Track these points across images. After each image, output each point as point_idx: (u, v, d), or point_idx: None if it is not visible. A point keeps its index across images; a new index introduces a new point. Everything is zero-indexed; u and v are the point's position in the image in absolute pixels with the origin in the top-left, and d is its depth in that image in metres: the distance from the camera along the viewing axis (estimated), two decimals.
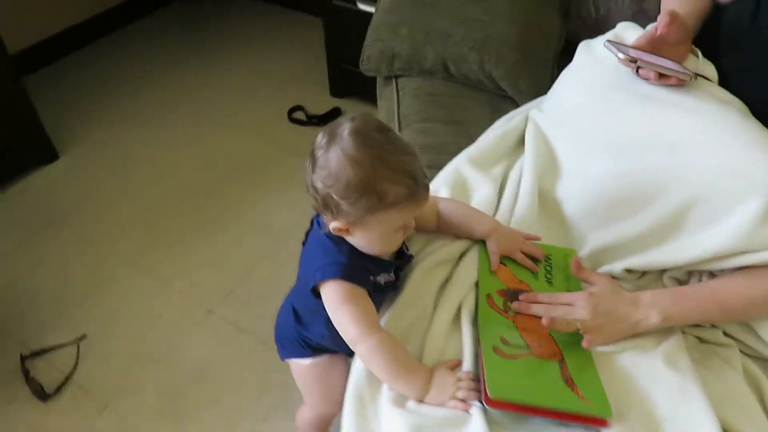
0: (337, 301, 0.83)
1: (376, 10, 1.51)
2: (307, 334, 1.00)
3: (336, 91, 2.32)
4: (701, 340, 0.96)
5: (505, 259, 0.98)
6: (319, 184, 0.78)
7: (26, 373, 1.51)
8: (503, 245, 0.97)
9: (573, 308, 0.88)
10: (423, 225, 0.99)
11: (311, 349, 1.03)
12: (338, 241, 0.85)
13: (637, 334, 0.90)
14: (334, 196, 0.77)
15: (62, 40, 2.62)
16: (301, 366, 1.06)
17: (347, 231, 0.82)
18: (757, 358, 0.95)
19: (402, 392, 0.82)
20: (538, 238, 1.00)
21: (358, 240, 0.83)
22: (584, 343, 0.85)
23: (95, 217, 1.94)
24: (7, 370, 1.53)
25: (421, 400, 0.82)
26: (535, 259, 0.99)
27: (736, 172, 0.91)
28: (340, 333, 0.85)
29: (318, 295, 0.86)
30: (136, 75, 2.54)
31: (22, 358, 1.54)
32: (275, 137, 2.21)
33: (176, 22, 2.88)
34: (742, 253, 0.89)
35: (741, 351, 0.95)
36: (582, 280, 0.95)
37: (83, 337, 1.60)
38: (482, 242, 1.00)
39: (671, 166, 0.96)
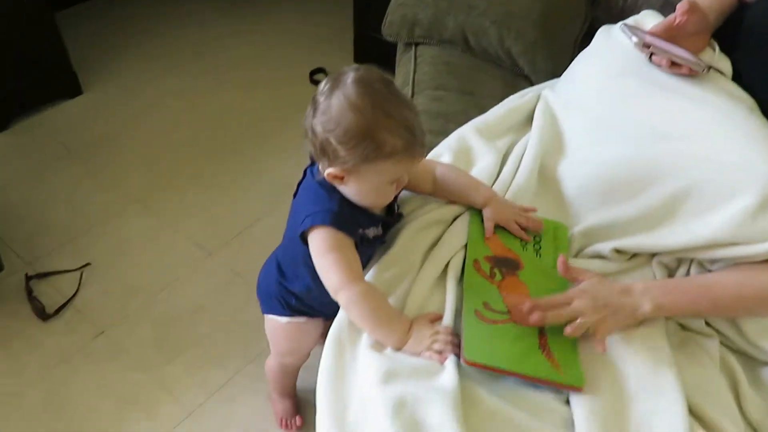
0: (324, 248, 0.85)
1: None
2: (290, 287, 1.02)
3: (360, 57, 2.33)
4: (683, 327, 0.96)
5: (497, 228, 0.99)
6: (318, 129, 0.80)
7: (29, 292, 1.57)
8: (499, 214, 0.98)
9: (572, 307, 0.85)
10: (418, 187, 1.00)
11: (290, 309, 1.05)
12: (330, 191, 0.87)
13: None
14: (333, 141, 0.78)
15: None
16: (276, 323, 1.09)
17: (342, 179, 0.83)
18: (736, 351, 0.96)
19: (381, 341, 0.85)
20: (534, 210, 1.01)
21: (351, 189, 0.84)
22: (568, 328, 0.83)
23: (110, 154, 1.98)
24: (11, 288, 1.59)
25: (398, 349, 0.84)
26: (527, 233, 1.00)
27: (734, 165, 0.92)
28: (323, 281, 0.87)
29: (306, 243, 0.87)
30: (165, 23, 2.57)
31: (27, 278, 1.59)
32: (294, 97, 2.22)
33: None
34: (732, 244, 0.90)
35: (721, 342, 0.96)
36: (570, 279, 0.92)
37: (87, 265, 1.65)
38: (476, 210, 1.01)
39: (672, 154, 0.97)
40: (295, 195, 0.95)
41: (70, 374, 1.43)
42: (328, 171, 0.82)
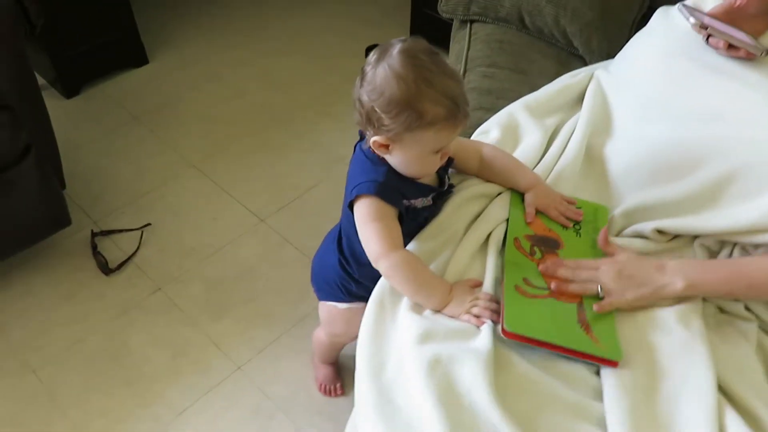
0: (367, 217, 0.88)
1: None
2: (352, 270, 1.03)
3: (416, 34, 2.32)
4: (722, 310, 0.96)
5: (538, 213, 1.00)
6: (364, 98, 0.83)
7: (94, 247, 1.67)
8: (540, 200, 0.99)
9: (597, 272, 0.90)
10: (464, 166, 1.03)
11: (350, 295, 1.08)
12: (376, 163, 0.90)
13: (663, 299, 0.90)
14: (377, 110, 0.81)
15: None
16: (335, 309, 1.12)
17: (387, 148, 0.86)
18: None
19: (422, 303, 0.87)
20: (574, 202, 1.02)
21: (396, 159, 0.87)
22: (596, 306, 0.86)
23: (172, 121, 2.07)
24: (78, 243, 1.70)
25: (438, 311, 0.87)
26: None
27: None
28: (365, 248, 0.90)
29: (353, 212, 0.91)
30: None
31: (93, 234, 1.70)
32: (350, 72, 2.27)
33: None
34: None
35: (760, 327, 0.95)
36: (608, 253, 0.94)
37: (147, 225, 1.74)
38: (518, 192, 1.02)
39: (719, 137, 0.96)
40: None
41: (128, 325, 1.52)
42: (374, 139, 0.85)
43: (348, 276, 1.05)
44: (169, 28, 2.47)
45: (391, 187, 0.89)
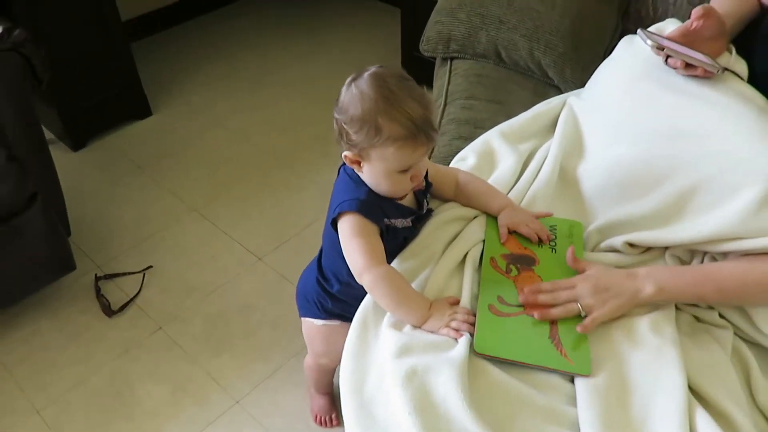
0: (350, 233, 0.93)
1: None
2: (328, 287, 1.09)
3: None
4: (698, 319, 0.98)
5: (512, 232, 1.04)
6: (336, 115, 0.89)
7: (98, 290, 1.72)
8: (511, 219, 1.03)
9: (575, 290, 0.92)
10: (441, 191, 1.07)
11: (326, 312, 1.12)
12: (360, 183, 0.95)
13: (639, 306, 0.93)
14: (344, 125, 0.88)
15: (168, 14, 2.90)
16: (312, 325, 1.17)
17: (359, 165, 0.91)
18: (750, 342, 0.97)
19: (402, 319, 0.91)
20: (549, 214, 1.06)
21: (368, 175, 0.92)
22: (579, 328, 0.88)
23: (174, 168, 2.15)
24: (83, 287, 1.75)
25: (418, 327, 0.90)
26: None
27: (738, 161, 0.95)
28: (349, 264, 0.94)
29: (337, 230, 0.96)
30: (229, 50, 2.77)
31: (97, 278, 1.75)
32: None
33: (273, 6, 3.10)
34: (738, 238, 0.92)
35: (735, 334, 0.97)
36: (578, 270, 0.97)
37: (149, 267, 1.79)
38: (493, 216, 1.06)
39: (681, 152, 1.01)
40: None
41: (130, 364, 1.56)
42: (344, 154, 0.91)
43: (324, 292, 1.09)
44: (172, 80, 2.58)
45: (373, 205, 0.93)
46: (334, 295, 1.09)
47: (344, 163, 1.00)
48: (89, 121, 2.24)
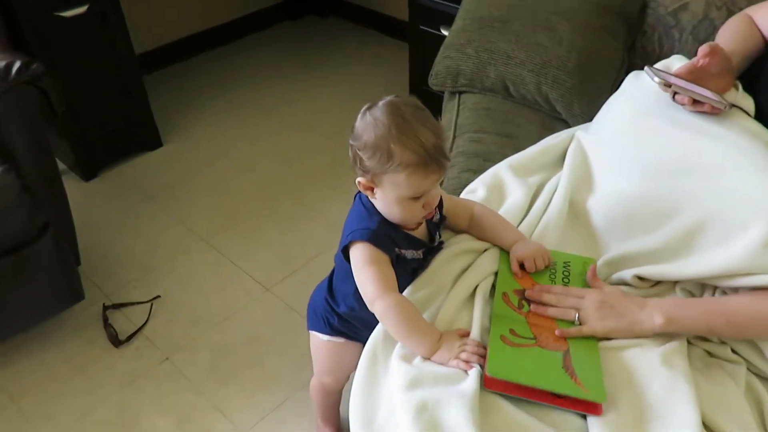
0: (362, 261, 0.93)
1: (449, 32, 1.64)
2: (336, 307, 1.10)
3: None
4: (710, 354, 0.98)
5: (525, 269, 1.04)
6: (351, 142, 0.92)
7: (106, 320, 1.72)
8: (520, 252, 1.03)
9: (582, 300, 0.95)
10: (456, 222, 1.08)
11: (331, 328, 1.14)
12: (373, 213, 0.96)
13: (640, 335, 0.93)
14: (358, 151, 0.90)
15: (180, 48, 2.96)
16: (318, 339, 1.18)
17: (372, 191, 0.93)
18: (765, 379, 0.96)
19: (412, 349, 0.91)
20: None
21: (380, 202, 0.94)
22: (557, 331, 0.92)
23: (183, 198, 2.17)
24: (91, 316, 1.75)
25: (428, 358, 0.90)
26: (553, 267, 1.04)
27: (747, 198, 0.96)
28: (361, 292, 0.94)
29: (348, 258, 0.96)
30: (239, 82, 2.82)
31: (104, 308, 1.75)
32: None
33: (282, 39, 3.16)
34: (748, 274, 0.92)
35: (749, 370, 0.96)
36: (595, 287, 0.99)
37: (157, 297, 1.80)
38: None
39: (689, 189, 1.02)
40: None
41: (136, 394, 1.55)
42: (358, 180, 0.93)
43: (332, 310, 1.11)
44: (183, 111, 2.62)
45: (384, 236, 0.94)
46: (340, 315, 1.10)
47: (360, 191, 1.01)
48: (101, 152, 2.27)
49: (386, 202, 0.93)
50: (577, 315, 0.94)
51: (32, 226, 1.49)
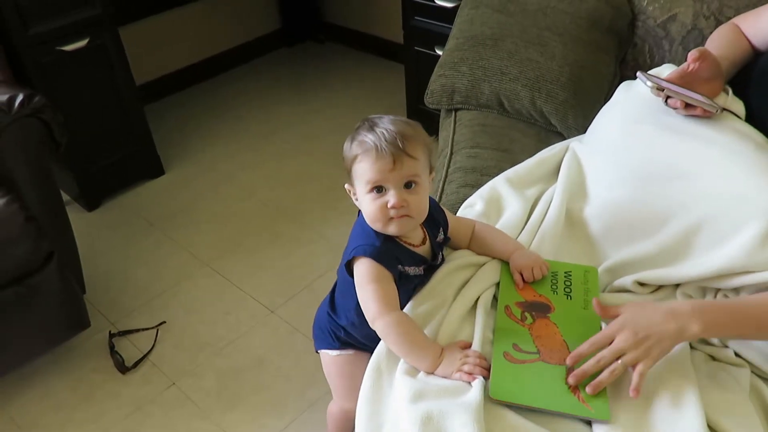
0: (365, 278, 0.94)
1: (443, 51, 1.67)
2: (339, 320, 1.11)
3: None
4: (713, 358, 0.98)
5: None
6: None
7: (112, 347, 1.73)
8: (519, 262, 1.04)
9: (616, 346, 0.85)
10: (457, 242, 1.10)
11: (339, 341, 1.13)
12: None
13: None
14: (343, 158, 0.95)
15: (179, 77, 3.01)
16: (328, 357, 1.17)
17: (355, 194, 0.96)
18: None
19: (414, 365, 0.91)
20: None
21: (359, 203, 0.97)
22: (632, 393, 0.82)
23: (186, 224, 2.19)
24: (97, 344, 1.76)
25: (431, 373, 0.90)
26: (554, 277, 1.04)
27: (740, 198, 0.97)
28: (363, 309, 0.95)
29: (351, 274, 0.97)
30: (237, 109, 2.85)
31: (110, 335, 1.76)
32: None
33: (280, 66, 3.21)
34: (746, 272, 0.93)
35: (753, 372, 0.96)
36: (608, 318, 0.92)
37: (162, 323, 1.80)
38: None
39: (684, 192, 1.03)
40: None
41: (144, 421, 1.55)
42: (346, 186, 0.98)
43: (335, 322, 1.12)
44: (184, 139, 2.65)
45: (387, 252, 0.95)
46: (344, 327, 1.11)
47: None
48: (104, 182, 2.30)
49: (359, 201, 0.96)
50: (623, 364, 0.85)
51: (37, 255, 1.50)
